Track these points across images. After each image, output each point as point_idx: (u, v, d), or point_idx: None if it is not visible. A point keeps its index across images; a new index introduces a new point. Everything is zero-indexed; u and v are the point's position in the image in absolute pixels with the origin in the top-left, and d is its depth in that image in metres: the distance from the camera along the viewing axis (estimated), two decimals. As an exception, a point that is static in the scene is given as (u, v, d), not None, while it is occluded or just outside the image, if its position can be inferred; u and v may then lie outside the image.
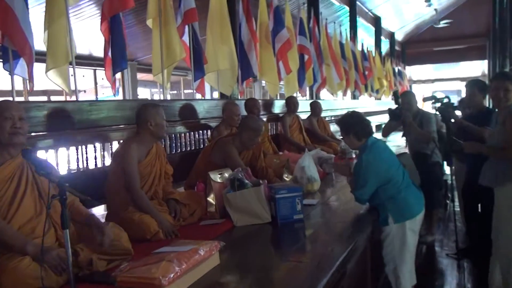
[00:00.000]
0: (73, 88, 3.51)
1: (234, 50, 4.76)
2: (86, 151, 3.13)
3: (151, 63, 4.37)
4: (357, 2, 11.64)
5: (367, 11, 13.33)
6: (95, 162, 3.23)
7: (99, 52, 9.32)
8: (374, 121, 9.46)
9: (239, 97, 5.57)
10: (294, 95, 6.78)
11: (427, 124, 4.52)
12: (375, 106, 12.32)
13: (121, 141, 3.22)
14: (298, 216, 2.89)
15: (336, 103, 9.71)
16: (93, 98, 10.06)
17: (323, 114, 8.20)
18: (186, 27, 4.33)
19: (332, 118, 9.32)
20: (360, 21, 12.71)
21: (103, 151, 3.24)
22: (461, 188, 4.56)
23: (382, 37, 15.41)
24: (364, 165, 2.93)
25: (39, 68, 3.28)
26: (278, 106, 6.27)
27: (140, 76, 10.72)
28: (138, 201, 2.74)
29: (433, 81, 23.29)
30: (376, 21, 14.29)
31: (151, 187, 2.90)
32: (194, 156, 3.79)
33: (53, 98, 9.68)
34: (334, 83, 8.51)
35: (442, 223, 5.53)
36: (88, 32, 8.21)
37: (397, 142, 7.51)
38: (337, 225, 2.93)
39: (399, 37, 18.52)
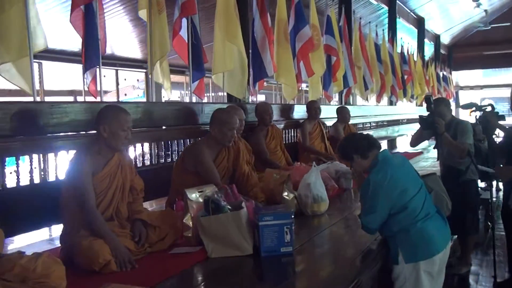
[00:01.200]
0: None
1: (243, 49, 4.24)
2: (44, 160, 2.70)
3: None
4: (398, 2, 10.86)
5: (409, 11, 12.48)
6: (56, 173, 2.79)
7: (121, 51, 9.14)
8: (413, 129, 8.70)
9: (250, 101, 5.04)
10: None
11: (462, 135, 3.85)
12: (414, 113, 11.49)
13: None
14: (287, 249, 2.34)
15: (370, 109, 9.03)
16: (115, 99, 9.83)
17: (356, 121, 7.61)
18: (184, 20, 3.86)
19: (369, 124, 8.69)
20: (401, 22, 11.91)
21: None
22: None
23: (426, 40, 14.48)
24: (372, 187, 2.37)
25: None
26: (298, 112, 5.71)
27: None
28: (91, 222, 2.28)
29: (482, 87, 21.88)
30: (419, 22, 13.39)
31: (110, 205, 2.43)
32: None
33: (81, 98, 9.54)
34: (363, 87, 7.84)
35: (480, 251, 4.79)
36: (110, 31, 7.95)
37: (434, 153, 6.80)
38: (338, 259, 2.35)
39: (445, 40, 17.44)
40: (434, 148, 4.27)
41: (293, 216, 3.01)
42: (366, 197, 2.41)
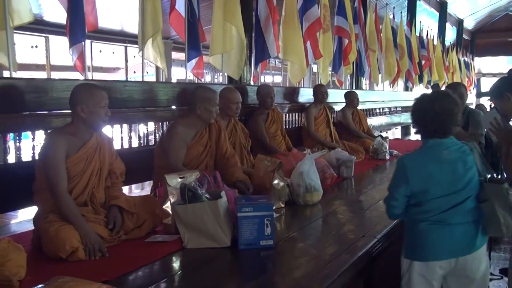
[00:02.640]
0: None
1: (242, 29, 4.04)
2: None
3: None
4: (419, -17, 10.47)
5: (431, -7, 12.03)
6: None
7: (131, 27, 8.97)
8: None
9: (253, 83, 4.86)
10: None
11: (474, 125, 3.76)
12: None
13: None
14: (267, 243, 2.20)
15: (383, 94, 8.76)
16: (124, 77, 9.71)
17: (366, 106, 7.37)
18: (181, -4, 3.68)
19: (381, 110, 8.43)
20: (422, 4, 11.48)
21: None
22: None
23: (449, 24, 13.98)
24: (398, 168, 2.18)
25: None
26: (305, 95, 5.51)
27: (178, 55, 10.19)
28: (61, 207, 2.17)
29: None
30: (441, 5, 12.90)
31: (85, 190, 2.32)
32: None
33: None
34: (377, 71, 7.57)
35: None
36: (119, 6, 7.80)
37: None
38: (320, 255, 2.20)
39: (469, 25, 16.84)
40: None
41: (283, 205, 2.97)
42: (392, 179, 2.22)
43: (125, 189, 2.99)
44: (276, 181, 2.97)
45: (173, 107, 3.58)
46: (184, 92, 3.53)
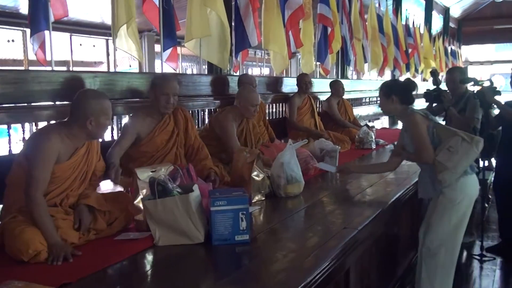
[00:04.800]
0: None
1: (224, 15, 3.89)
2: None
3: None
4: (403, -30, 10.33)
5: (416, -19, 11.93)
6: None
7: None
8: (416, 105, 8.36)
9: (234, 73, 4.73)
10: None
11: (471, 110, 3.95)
12: (419, 89, 11.08)
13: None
14: (242, 238, 2.09)
15: (370, 83, 8.67)
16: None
17: (353, 96, 7.27)
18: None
19: (368, 99, 8.34)
20: (408, -8, 11.37)
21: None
22: None
23: (436, 12, 13.88)
24: None
25: None
26: (289, 85, 5.39)
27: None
28: (32, 211, 2.02)
29: (492, 62, 21.21)
30: (427, -7, 12.80)
31: (62, 193, 2.19)
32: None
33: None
34: (363, 60, 7.46)
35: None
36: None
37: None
38: (299, 250, 2.09)
39: (455, 13, 16.75)
40: (443, 121, 4.21)
41: (263, 198, 2.85)
42: None
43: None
44: (255, 173, 2.86)
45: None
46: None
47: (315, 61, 5.96)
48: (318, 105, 6.12)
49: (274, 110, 5.22)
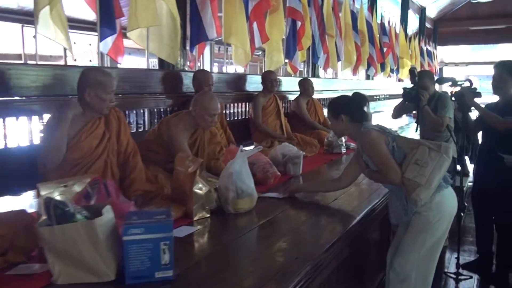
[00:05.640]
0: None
1: (174, 5, 3.44)
2: None
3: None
4: (380, -32, 10.01)
5: (392, -22, 11.65)
6: None
7: (70, 11, 8.16)
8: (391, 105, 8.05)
9: (189, 68, 4.27)
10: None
11: (442, 108, 3.86)
12: (395, 89, 10.81)
13: None
14: (164, 274, 1.65)
15: (341, 82, 8.32)
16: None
17: (324, 96, 6.89)
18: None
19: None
20: (384, -9, 11.06)
21: None
22: None
23: (412, 12, 13.64)
24: None
25: None
26: (253, 83, 4.97)
27: (128, 43, 9.36)
28: None
29: (467, 64, 21.21)
30: (403, -8, 12.54)
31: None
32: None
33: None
34: (336, 58, 7.09)
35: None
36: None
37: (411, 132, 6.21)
38: (240, 285, 1.67)
39: (431, 13, 16.61)
40: (415, 122, 4.13)
41: (208, 214, 2.39)
42: None
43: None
44: (199, 185, 2.42)
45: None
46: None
47: (286, 60, 5.55)
48: (286, 105, 5.73)
49: (237, 110, 4.79)
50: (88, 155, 2.48)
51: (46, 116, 2.67)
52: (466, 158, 4.73)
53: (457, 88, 3.49)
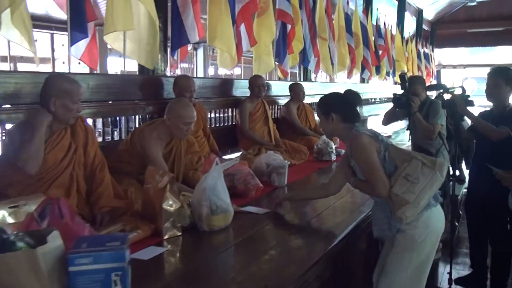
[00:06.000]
0: None
1: (153, 7, 3.27)
2: None
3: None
4: (375, -31, 9.86)
5: (389, -20, 11.50)
6: None
7: (58, 12, 8.00)
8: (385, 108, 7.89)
9: (170, 73, 4.11)
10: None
11: (434, 115, 3.76)
12: (391, 92, 10.64)
13: None
14: (116, 308, 1.48)
15: (335, 86, 8.15)
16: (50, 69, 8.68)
17: (316, 100, 6.73)
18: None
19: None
20: (380, -8, 10.91)
21: None
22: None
23: (409, 14, 13.50)
24: None
25: None
26: (240, 88, 4.80)
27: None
28: None
29: (465, 66, 21.07)
30: (400, -6, 12.39)
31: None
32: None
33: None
34: (329, 61, 6.92)
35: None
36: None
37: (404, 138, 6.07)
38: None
39: (428, 15, 16.47)
40: (407, 129, 4.02)
41: (179, 233, 2.21)
42: None
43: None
44: (169, 202, 2.26)
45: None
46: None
47: (276, 63, 5.38)
48: (276, 111, 5.57)
49: (224, 115, 4.63)
50: (53, 169, 2.32)
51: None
52: (463, 164, 4.60)
53: (449, 96, 3.35)
